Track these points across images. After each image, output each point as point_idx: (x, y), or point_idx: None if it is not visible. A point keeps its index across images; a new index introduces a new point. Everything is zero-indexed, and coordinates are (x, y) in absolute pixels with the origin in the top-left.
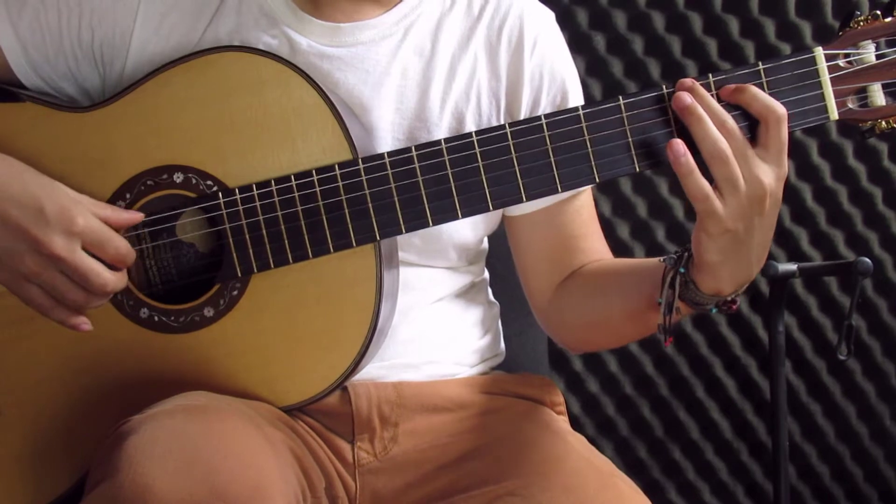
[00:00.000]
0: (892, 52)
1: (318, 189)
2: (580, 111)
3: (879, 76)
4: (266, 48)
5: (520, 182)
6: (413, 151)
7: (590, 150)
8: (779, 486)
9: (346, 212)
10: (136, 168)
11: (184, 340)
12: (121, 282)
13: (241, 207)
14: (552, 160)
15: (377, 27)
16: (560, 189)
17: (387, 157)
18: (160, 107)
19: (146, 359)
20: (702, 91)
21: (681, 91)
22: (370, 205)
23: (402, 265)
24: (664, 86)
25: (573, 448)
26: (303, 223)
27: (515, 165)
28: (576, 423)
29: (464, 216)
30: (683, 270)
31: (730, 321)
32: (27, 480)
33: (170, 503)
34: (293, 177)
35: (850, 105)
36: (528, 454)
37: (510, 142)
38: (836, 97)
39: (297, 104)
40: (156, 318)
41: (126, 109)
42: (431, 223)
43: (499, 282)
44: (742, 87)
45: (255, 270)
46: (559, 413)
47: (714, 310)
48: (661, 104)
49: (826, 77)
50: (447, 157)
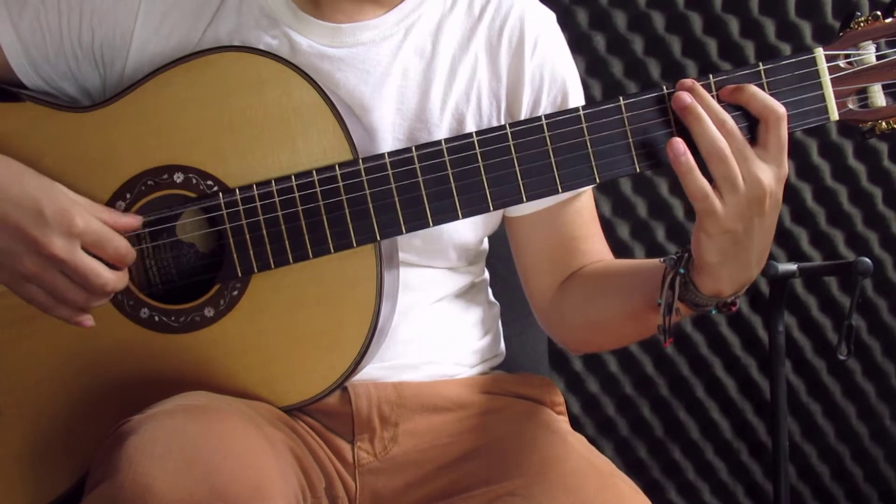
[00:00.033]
0: (893, 53)
1: (319, 189)
2: (580, 111)
3: (880, 77)
4: (266, 48)
5: (520, 182)
6: (413, 151)
7: (590, 151)
8: (779, 486)
9: (347, 212)
10: (137, 168)
11: (184, 340)
12: (121, 281)
13: (242, 207)
14: (552, 160)
15: (378, 28)
16: (560, 189)
17: (387, 158)
18: (160, 107)
19: (146, 359)
20: (701, 91)
21: (681, 91)
22: (370, 205)
23: (403, 265)
24: (665, 86)
25: (573, 448)
26: (303, 223)
27: (516, 166)
28: (576, 423)
29: (464, 216)
30: (683, 271)
31: (730, 321)
32: (27, 480)
33: (170, 503)
34: (293, 177)
35: (851, 106)
36: (529, 454)
37: (510, 142)
38: (837, 98)
39: (298, 104)
40: (156, 318)
41: (126, 109)
42: (432, 223)
43: (499, 282)
44: (741, 87)
45: (256, 270)
46: (559, 413)
47: (714, 311)
48: (662, 104)
49: (826, 78)
50: (447, 158)
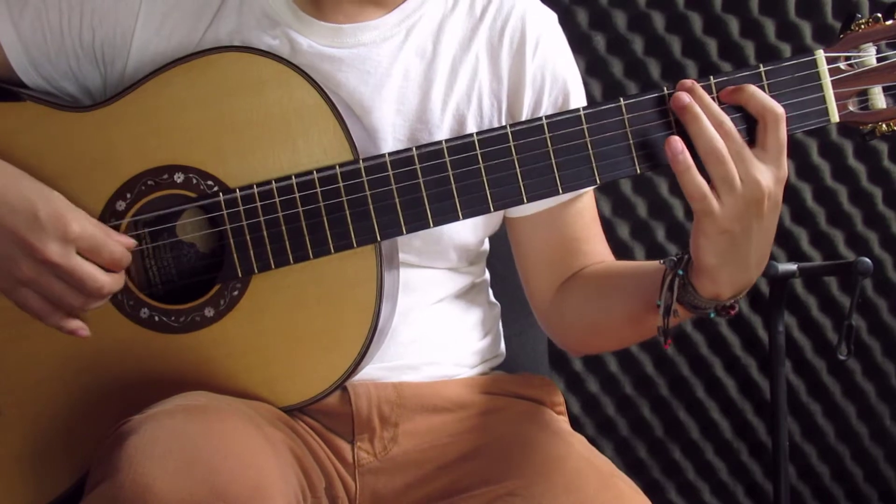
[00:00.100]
0: (893, 55)
1: (319, 189)
2: (581, 112)
3: (880, 79)
4: (267, 49)
5: (521, 183)
6: (414, 152)
7: (591, 152)
8: (779, 486)
9: (347, 212)
10: (137, 168)
11: (184, 340)
12: (117, 284)
13: (242, 208)
14: (553, 161)
15: (379, 28)
16: (561, 190)
17: (388, 158)
18: (161, 107)
19: (146, 359)
20: (701, 92)
21: (680, 91)
22: (371, 206)
23: (403, 266)
24: (665, 87)
25: (573, 448)
26: (304, 224)
27: (516, 167)
28: (576, 423)
29: (465, 217)
30: (682, 273)
31: (730, 321)
32: (27, 480)
33: (170, 503)
34: (294, 177)
35: (851, 108)
36: (529, 454)
37: (511, 143)
38: (837, 100)
39: (298, 104)
40: (156, 318)
41: (127, 109)
42: (432, 224)
43: (499, 282)
44: (741, 87)
45: (256, 271)
46: (559, 413)
47: (713, 314)
48: (662, 105)
49: (827, 79)
50: (448, 158)
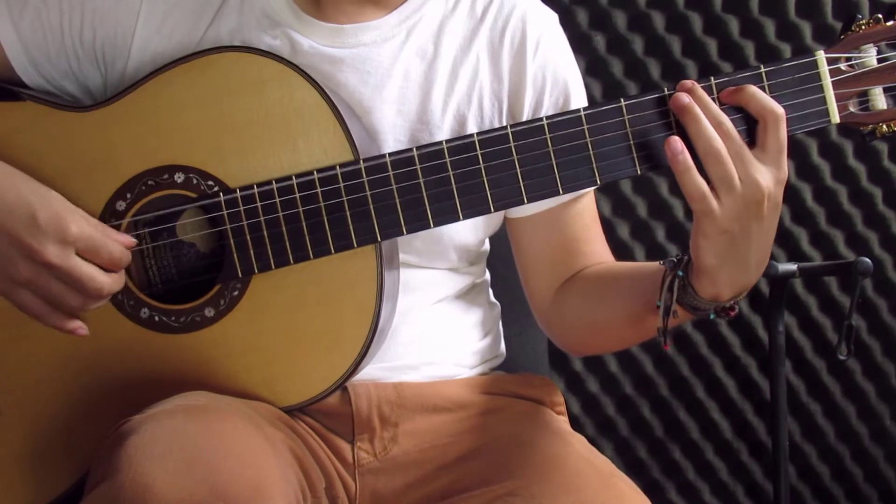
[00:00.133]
0: (894, 56)
1: (320, 190)
2: (582, 113)
3: (881, 80)
4: (267, 49)
5: (521, 184)
6: (414, 152)
7: (591, 153)
8: (779, 486)
9: (348, 213)
10: (137, 168)
11: (184, 340)
12: (117, 284)
13: (242, 208)
14: (553, 162)
15: (379, 29)
16: (561, 191)
17: (388, 158)
18: (161, 107)
19: (146, 359)
20: (700, 92)
21: (680, 92)
22: (371, 206)
23: (403, 266)
24: (666, 88)
25: (573, 448)
26: (304, 224)
27: (517, 167)
28: (576, 423)
29: (465, 218)
30: (682, 274)
31: (730, 321)
32: (27, 480)
33: (170, 503)
34: (294, 177)
35: (852, 108)
36: (529, 454)
37: (511, 143)
38: (838, 100)
39: (299, 104)
40: (156, 318)
41: (127, 109)
42: (433, 224)
43: (499, 282)
44: (741, 88)
45: (256, 271)
46: (559, 413)
47: (713, 315)
48: (663, 106)
49: (827, 80)
50: (448, 159)
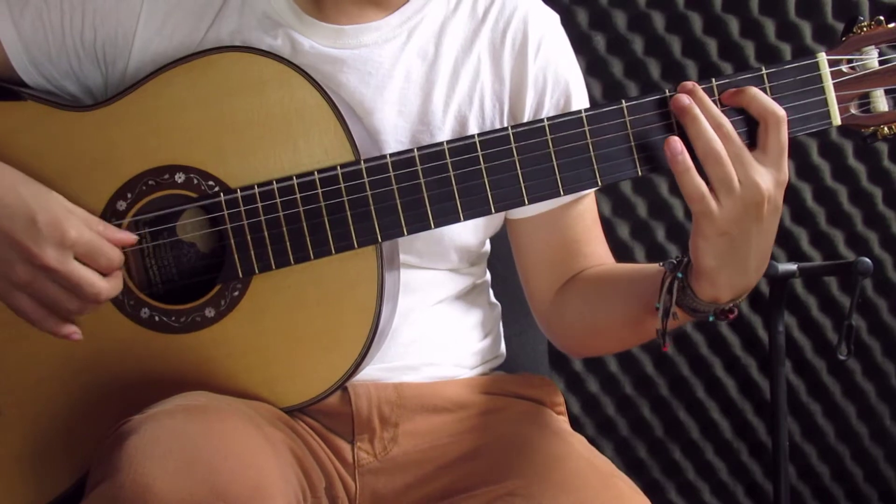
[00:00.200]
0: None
1: (320, 190)
2: (583, 114)
3: (882, 82)
4: (268, 49)
5: (522, 185)
6: (415, 153)
7: (592, 154)
8: (779, 486)
9: (348, 213)
10: (138, 168)
11: (184, 341)
12: (115, 289)
13: (243, 208)
14: (554, 163)
15: (380, 29)
16: (562, 192)
17: (389, 159)
18: (161, 107)
19: (146, 359)
20: (700, 93)
21: (680, 93)
22: (372, 206)
23: (403, 267)
24: (667, 89)
25: (573, 448)
26: (304, 224)
27: (518, 168)
28: (576, 423)
29: (466, 219)
30: (681, 276)
31: (730, 321)
32: (27, 480)
33: (170, 503)
34: (295, 177)
35: (853, 110)
36: (529, 454)
37: (512, 144)
38: (839, 102)
39: (299, 104)
40: (156, 318)
41: (127, 109)
42: (434, 225)
43: (499, 282)
44: (742, 89)
45: (257, 271)
46: (559, 413)
47: (712, 317)
48: (664, 107)
49: (829, 82)
50: (449, 160)
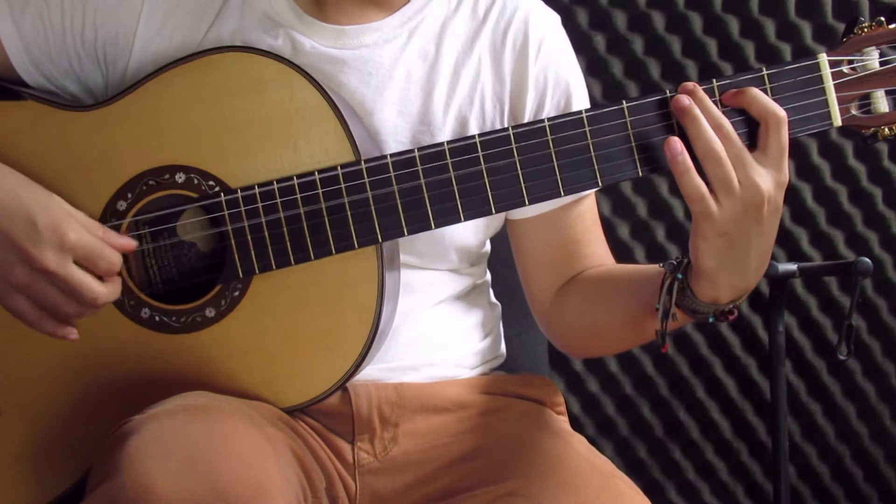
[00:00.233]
0: None
1: (321, 190)
2: (583, 115)
3: (883, 83)
4: (269, 49)
5: (522, 185)
6: (416, 153)
7: (593, 154)
8: (779, 486)
9: (349, 213)
10: (138, 168)
11: (185, 341)
12: (113, 294)
13: (243, 208)
14: (555, 164)
15: (381, 30)
16: (563, 193)
17: (389, 159)
18: (162, 107)
19: (147, 359)
20: (701, 94)
21: (680, 94)
22: (373, 206)
23: (404, 267)
24: (668, 90)
25: (573, 448)
26: (305, 224)
27: (518, 169)
28: (576, 423)
29: (466, 219)
30: (681, 276)
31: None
32: (28, 480)
33: (171, 503)
34: (296, 178)
35: (854, 111)
36: (529, 454)
37: (513, 145)
38: (840, 103)
39: (300, 105)
40: (157, 319)
41: (128, 109)
42: (434, 225)
43: (499, 282)
44: (743, 90)
45: (257, 271)
46: (559, 413)
47: (712, 319)
48: (665, 108)
49: (830, 83)
50: (450, 160)
